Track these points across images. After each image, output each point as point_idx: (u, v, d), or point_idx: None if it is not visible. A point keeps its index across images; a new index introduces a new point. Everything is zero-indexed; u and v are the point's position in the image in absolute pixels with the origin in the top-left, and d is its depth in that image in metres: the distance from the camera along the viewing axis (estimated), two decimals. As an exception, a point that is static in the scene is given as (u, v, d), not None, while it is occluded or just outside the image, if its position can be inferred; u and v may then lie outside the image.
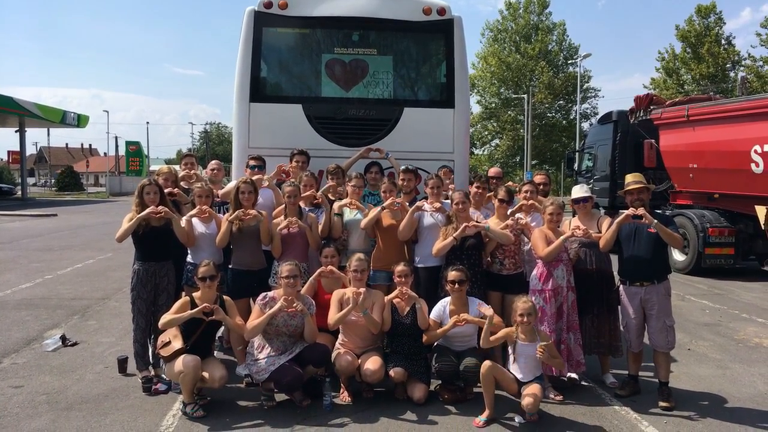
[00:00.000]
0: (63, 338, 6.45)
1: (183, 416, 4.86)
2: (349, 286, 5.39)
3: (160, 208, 5.38)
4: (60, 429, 4.62)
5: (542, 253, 5.37)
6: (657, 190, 13.53)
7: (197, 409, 4.87)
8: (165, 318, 4.93)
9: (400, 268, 5.40)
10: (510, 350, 5.06)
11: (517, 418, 4.86)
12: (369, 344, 5.36)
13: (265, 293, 5.23)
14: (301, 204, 5.94)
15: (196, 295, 5.09)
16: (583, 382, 5.76)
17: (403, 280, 5.36)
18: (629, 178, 5.49)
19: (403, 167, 6.28)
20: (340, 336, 5.42)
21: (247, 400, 5.22)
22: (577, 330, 5.54)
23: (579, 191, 5.81)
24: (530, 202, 6.00)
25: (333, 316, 5.22)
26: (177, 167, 7.03)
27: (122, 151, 61.00)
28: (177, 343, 4.93)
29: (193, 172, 6.74)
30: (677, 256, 12.62)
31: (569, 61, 48.95)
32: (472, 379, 5.06)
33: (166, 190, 5.80)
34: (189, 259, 5.75)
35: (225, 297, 5.23)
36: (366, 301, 5.18)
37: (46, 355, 6.33)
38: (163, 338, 5.05)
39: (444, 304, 5.32)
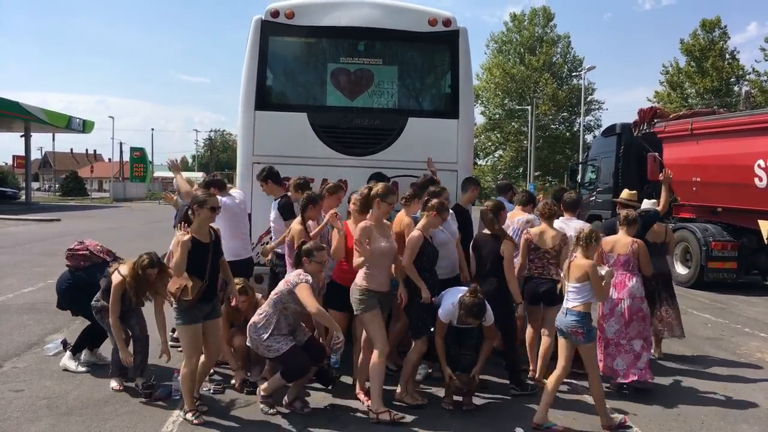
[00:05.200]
0: (64, 343, 6.44)
1: (183, 422, 4.85)
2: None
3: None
4: (60, 434, 4.62)
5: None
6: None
7: (198, 416, 4.86)
8: (176, 261, 4.80)
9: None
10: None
11: (518, 430, 4.85)
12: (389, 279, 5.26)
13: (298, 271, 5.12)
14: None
15: (193, 228, 4.91)
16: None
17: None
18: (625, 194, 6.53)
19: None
20: (365, 271, 5.13)
21: (246, 408, 5.21)
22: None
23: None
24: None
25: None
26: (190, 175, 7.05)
27: (127, 157, 61.19)
28: (194, 282, 4.80)
29: None
30: (680, 269, 12.59)
31: (573, 74, 49.16)
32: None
33: None
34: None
35: (216, 229, 5.14)
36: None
37: (47, 359, 6.33)
38: (175, 285, 4.83)
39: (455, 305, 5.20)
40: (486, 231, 5.76)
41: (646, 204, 7.12)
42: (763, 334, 8.61)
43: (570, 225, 6.32)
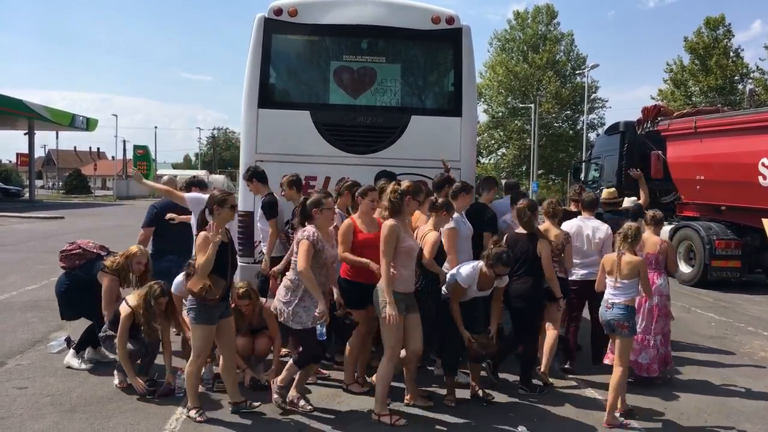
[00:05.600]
0: (68, 340, 6.46)
1: (186, 419, 4.87)
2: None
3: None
4: (64, 431, 4.64)
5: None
6: (664, 201, 13.55)
7: (201, 413, 4.87)
8: (202, 262, 4.68)
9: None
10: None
11: (521, 428, 4.86)
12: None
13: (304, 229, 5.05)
14: None
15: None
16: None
17: None
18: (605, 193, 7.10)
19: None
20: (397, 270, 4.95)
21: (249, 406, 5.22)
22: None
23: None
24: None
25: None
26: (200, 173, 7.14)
27: (130, 155, 61.23)
28: (218, 281, 4.79)
29: None
30: (683, 267, 12.57)
31: (577, 72, 48.93)
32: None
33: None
34: None
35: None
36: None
37: (51, 356, 6.35)
38: (198, 285, 4.73)
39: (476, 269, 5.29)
40: (521, 230, 5.80)
41: (627, 202, 7.32)
42: (766, 332, 8.59)
43: (587, 224, 6.43)
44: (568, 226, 6.35)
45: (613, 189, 7.50)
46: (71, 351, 6.13)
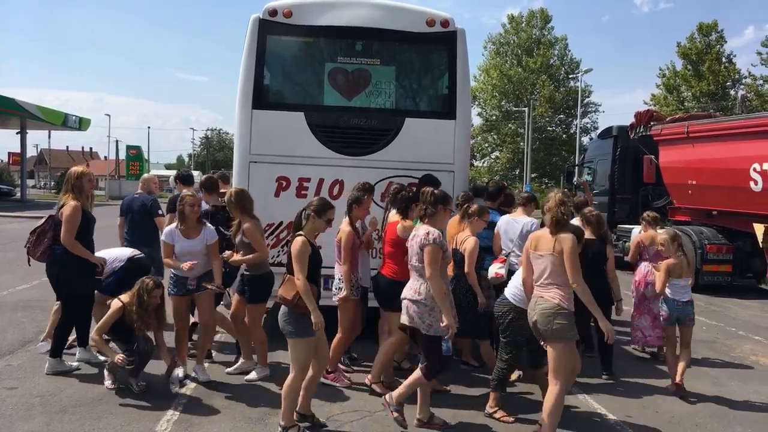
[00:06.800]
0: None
1: (177, 420, 4.84)
2: None
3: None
4: (53, 431, 4.61)
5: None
6: (656, 206, 13.60)
7: (302, 430, 4.67)
8: (298, 267, 4.55)
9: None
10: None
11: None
12: None
13: None
14: None
15: (306, 231, 4.79)
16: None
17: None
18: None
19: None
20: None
21: (244, 402, 5.20)
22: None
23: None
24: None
25: None
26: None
27: (123, 155, 60.95)
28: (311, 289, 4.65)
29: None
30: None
31: (570, 76, 49.18)
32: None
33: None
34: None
35: None
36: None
37: (41, 357, 6.28)
38: (291, 292, 4.57)
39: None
40: (590, 236, 6.13)
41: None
42: (757, 337, 8.64)
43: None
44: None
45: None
46: (53, 360, 5.86)
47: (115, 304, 5.36)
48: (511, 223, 6.39)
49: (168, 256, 5.67)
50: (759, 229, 10.83)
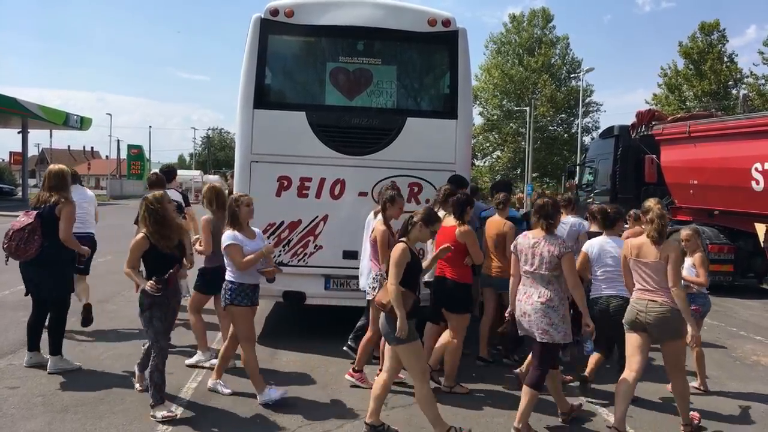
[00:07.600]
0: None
1: (178, 421, 4.85)
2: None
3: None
4: (55, 431, 4.61)
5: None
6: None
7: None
8: (394, 272, 4.56)
9: None
10: None
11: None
12: None
13: None
14: None
15: (411, 239, 4.83)
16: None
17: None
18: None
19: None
20: None
21: (243, 408, 5.21)
22: None
23: None
24: None
25: None
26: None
27: (124, 155, 61.01)
28: (409, 295, 4.64)
29: None
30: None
31: (572, 75, 49.17)
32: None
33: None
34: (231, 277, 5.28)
35: None
36: None
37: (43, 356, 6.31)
38: (387, 298, 4.58)
39: None
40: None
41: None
42: (758, 337, 8.64)
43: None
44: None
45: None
46: (54, 357, 5.86)
47: (138, 236, 5.01)
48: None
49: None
50: (760, 228, 10.83)
